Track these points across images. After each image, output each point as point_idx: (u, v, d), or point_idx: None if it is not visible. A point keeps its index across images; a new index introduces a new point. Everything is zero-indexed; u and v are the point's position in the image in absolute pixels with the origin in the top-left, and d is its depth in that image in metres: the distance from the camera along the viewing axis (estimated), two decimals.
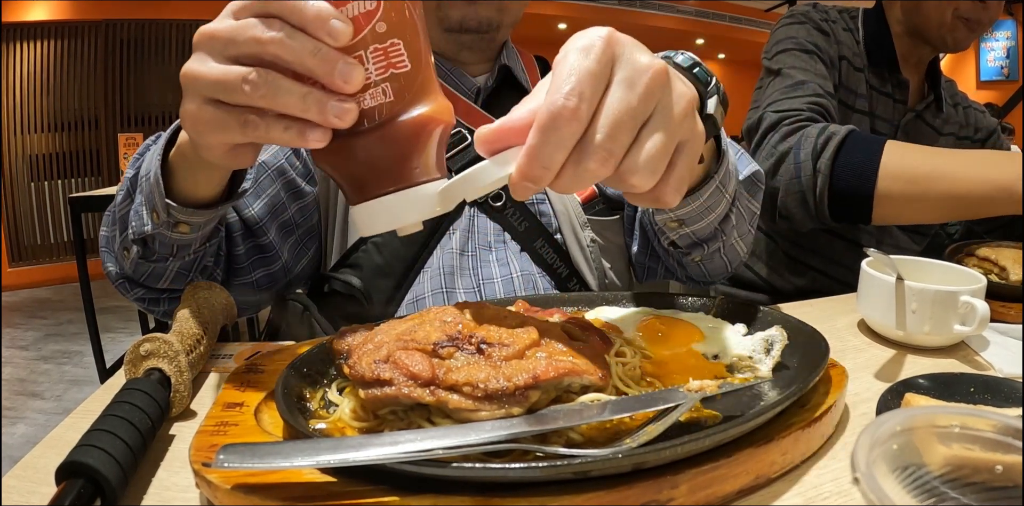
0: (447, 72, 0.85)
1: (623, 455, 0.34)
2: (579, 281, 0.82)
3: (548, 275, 0.81)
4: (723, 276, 0.82)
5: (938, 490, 0.33)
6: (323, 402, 0.46)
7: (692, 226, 0.68)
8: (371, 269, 0.78)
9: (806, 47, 1.04)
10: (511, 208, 0.82)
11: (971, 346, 0.64)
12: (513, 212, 0.81)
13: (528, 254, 0.81)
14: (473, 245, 0.81)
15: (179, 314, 0.58)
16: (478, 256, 0.81)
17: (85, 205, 2.74)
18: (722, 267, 0.79)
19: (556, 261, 0.81)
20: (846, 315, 0.74)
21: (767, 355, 0.51)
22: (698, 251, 0.74)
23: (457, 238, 0.80)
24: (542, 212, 0.83)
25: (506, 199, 0.81)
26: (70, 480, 0.35)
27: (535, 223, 0.82)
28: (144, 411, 0.42)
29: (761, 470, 0.39)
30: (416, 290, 0.78)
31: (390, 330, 0.43)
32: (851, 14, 1.14)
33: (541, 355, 0.40)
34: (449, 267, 0.78)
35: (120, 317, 3.71)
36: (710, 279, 0.83)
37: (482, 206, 0.82)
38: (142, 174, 0.60)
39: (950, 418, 0.34)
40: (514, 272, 0.80)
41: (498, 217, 0.82)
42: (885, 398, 0.49)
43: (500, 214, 0.81)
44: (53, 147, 4.65)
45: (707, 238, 0.72)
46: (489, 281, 0.79)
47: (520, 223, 0.82)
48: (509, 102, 0.80)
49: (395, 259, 0.78)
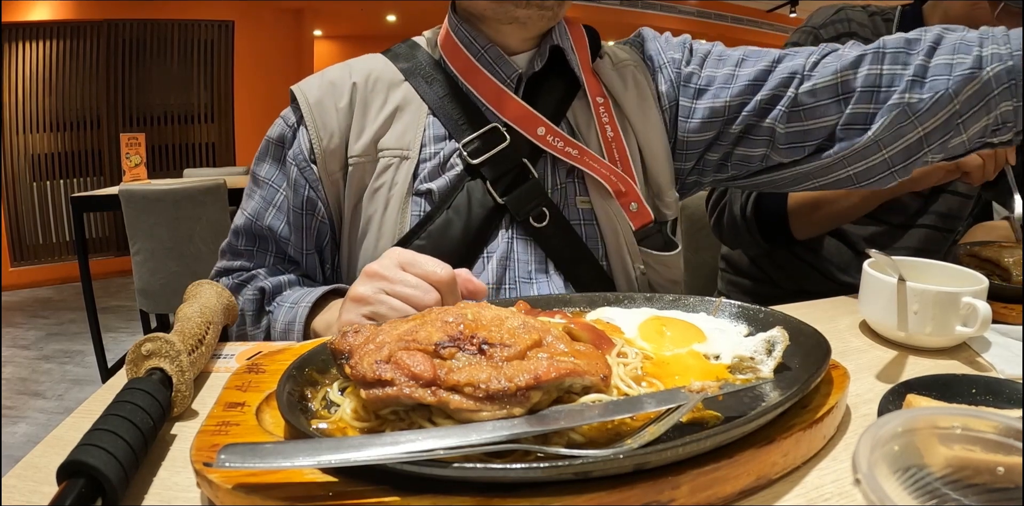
0: (483, 51, 0.74)
1: (624, 456, 0.34)
2: None
3: None
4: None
5: (939, 491, 0.33)
6: (324, 402, 0.46)
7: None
8: None
9: None
10: (553, 228, 0.72)
11: (973, 347, 0.64)
12: (557, 234, 0.72)
13: (572, 285, 0.73)
14: (512, 276, 0.72)
15: (181, 314, 0.58)
16: (517, 290, 0.71)
17: (87, 205, 2.74)
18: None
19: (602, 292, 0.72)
20: (847, 316, 0.74)
21: (768, 356, 0.51)
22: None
23: (493, 268, 0.71)
24: (588, 235, 0.74)
25: (550, 218, 0.71)
26: (71, 479, 0.35)
27: (580, 247, 0.73)
28: (145, 411, 0.42)
29: (762, 471, 0.39)
30: None
31: (392, 330, 0.43)
32: (885, 17, 1.05)
33: (542, 356, 0.40)
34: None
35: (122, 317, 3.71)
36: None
37: (522, 225, 0.72)
38: (277, 332, 0.71)
39: (951, 419, 0.34)
40: None
41: (541, 240, 0.72)
42: (886, 399, 0.49)
43: (543, 236, 0.72)
44: (55, 147, 4.66)
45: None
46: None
47: (564, 248, 0.72)
48: (554, 90, 0.76)
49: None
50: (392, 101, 0.75)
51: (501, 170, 0.71)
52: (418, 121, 0.74)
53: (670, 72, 0.80)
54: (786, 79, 0.74)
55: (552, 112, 0.75)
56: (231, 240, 0.81)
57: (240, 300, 0.76)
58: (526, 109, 0.73)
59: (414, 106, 0.75)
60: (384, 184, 0.72)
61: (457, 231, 0.70)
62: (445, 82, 0.75)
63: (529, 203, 0.71)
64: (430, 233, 0.70)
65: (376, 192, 0.73)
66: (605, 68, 0.79)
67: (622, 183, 0.74)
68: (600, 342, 0.48)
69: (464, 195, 0.71)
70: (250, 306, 0.75)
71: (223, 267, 0.81)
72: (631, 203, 0.74)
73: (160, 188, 2.41)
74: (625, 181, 0.74)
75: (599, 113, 0.76)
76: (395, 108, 0.75)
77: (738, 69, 0.77)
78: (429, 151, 0.73)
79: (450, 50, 0.76)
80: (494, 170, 0.71)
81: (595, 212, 0.74)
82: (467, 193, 0.71)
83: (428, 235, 0.70)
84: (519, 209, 0.71)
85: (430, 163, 0.73)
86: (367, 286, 0.59)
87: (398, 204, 0.71)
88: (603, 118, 0.76)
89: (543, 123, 0.72)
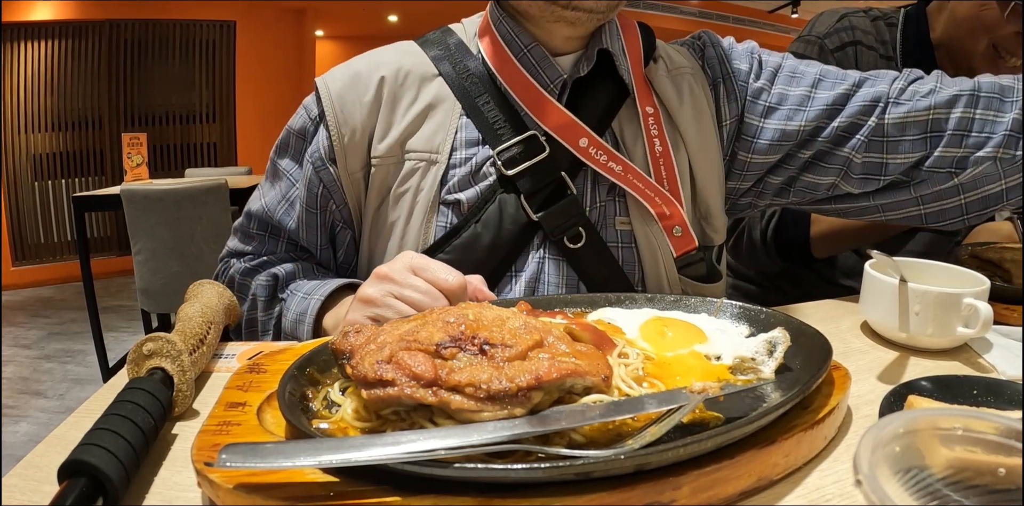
0: (526, 51, 0.69)
1: (625, 456, 0.34)
2: None
3: None
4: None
5: (940, 492, 0.33)
6: (326, 402, 0.46)
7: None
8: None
9: None
10: (588, 250, 0.67)
11: (974, 348, 0.64)
12: (591, 256, 0.67)
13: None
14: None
15: (182, 313, 0.58)
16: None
17: (88, 204, 2.75)
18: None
19: None
20: (849, 317, 0.74)
21: (770, 357, 0.51)
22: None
23: (520, 289, 0.68)
24: (625, 259, 0.69)
25: (586, 239, 0.67)
26: (72, 479, 0.35)
27: (616, 272, 0.68)
28: (147, 410, 0.42)
29: (763, 472, 0.39)
30: None
31: (393, 330, 0.43)
32: (888, 21, 1.03)
33: (544, 356, 0.40)
34: None
35: (123, 316, 3.72)
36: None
37: (555, 245, 0.68)
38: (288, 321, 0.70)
39: (953, 420, 0.34)
40: None
41: (573, 261, 0.68)
42: (888, 400, 0.49)
43: (576, 257, 0.68)
44: (57, 146, 4.66)
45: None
46: None
47: (599, 271, 0.68)
48: (600, 96, 0.70)
49: None
50: (424, 98, 0.70)
51: (537, 183, 0.67)
52: (450, 122, 0.69)
53: (734, 84, 0.74)
54: (869, 106, 0.71)
55: (597, 122, 0.69)
56: (244, 222, 0.78)
57: (252, 285, 0.74)
58: (569, 118, 0.68)
59: (447, 105, 0.69)
60: (409, 189, 0.68)
61: (484, 247, 0.66)
62: (481, 80, 0.70)
63: (565, 221, 0.67)
64: (455, 247, 0.67)
65: (401, 197, 0.68)
66: (659, 75, 0.73)
67: (667, 205, 0.69)
68: (601, 343, 0.48)
69: (495, 208, 0.67)
70: (262, 292, 0.73)
71: (235, 249, 0.79)
72: (675, 227, 0.69)
73: (161, 188, 2.41)
74: (671, 203, 0.69)
75: (648, 125, 0.70)
76: (426, 106, 0.69)
77: (815, 90, 0.73)
78: (460, 156, 0.68)
79: (490, 45, 0.70)
80: (530, 183, 0.66)
81: (634, 235, 0.69)
82: (499, 206, 0.67)
83: (453, 249, 0.67)
84: (554, 227, 0.67)
85: (460, 170, 0.68)
86: (376, 288, 0.58)
87: (423, 213, 0.67)
88: (652, 131, 0.70)
89: (586, 134, 0.68)
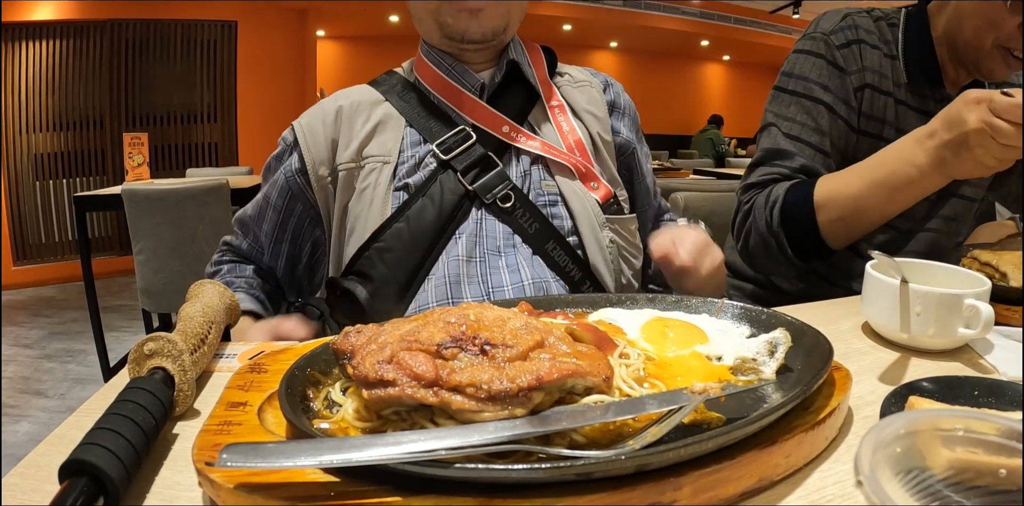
0: (450, 68, 0.85)
1: (626, 457, 0.34)
2: (593, 284, 0.80)
3: (562, 279, 0.79)
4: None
5: (941, 493, 0.33)
6: (326, 402, 0.46)
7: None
8: (377, 278, 0.77)
9: (814, 94, 0.99)
10: (520, 209, 0.79)
11: (975, 349, 0.64)
12: (523, 213, 0.79)
13: (540, 258, 0.79)
14: (481, 250, 0.78)
15: (183, 313, 0.58)
16: (487, 262, 0.78)
17: (89, 204, 2.75)
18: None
19: (569, 264, 0.79)
20: (850, 318, 0.74)
21: (771, 357, 0.51)
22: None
23: (463, 243, 0.78)
24: (554, 214, 0.81)
25: (515, 200, 0.80)
26: (73, 478, 0.35)
27: (546, 225, 0.80)
28: (148, 410, 0.42)
29: (764, 472, 0.39)
30: (420, 300, 0.76)
31: (394, 330, 0.43)
32: (890, 21, 1.03)
33: (545, 357, 0.40)
34: (455, 275, 0.76)
35: (124, 316, 3.72)
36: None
37: (490, 207, 0.80)
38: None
39: (954, 421, 0.34)
40: (525, 279, 0.76)
41: (507, 219, 0.80)
42: (889, 401, 0.49)
43: (510, 216, 0.79)
44: (58, 146, 4.67)
45: None
46: (499, 289, 0.76)
47: (531, 225, 0.79)
48: (516, 97, 0.87)
49: (398, 268, 0.76)
50: (374, 118, 0.85)
51: (469, 162, 0.80)
52: (397, 132, 0.84)
53: (620, 121, 0.95)
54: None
55: (515, 115, 0.85)
56: (235, 222, 0.94)
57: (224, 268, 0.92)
58: (489, 111, 0.83)
59: (393, 120, 0.85)
60: (369, 185, 0.81)
61: (431, 214, 0.79)
62: (418, 98, 0.86)
63: (495, 187, 0.80)
64: (407, 217, 0.79)
65: (363, 192, 0.81)
66: (563, 84, 0.92)
67: (582, 166, 0.85)
68: (602, 343, 0.48)
69: (437, 185, 0.80)
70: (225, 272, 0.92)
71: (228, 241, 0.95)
72: (592, 182, 0.85)
73: (163, 188, 2.41)
74: (583, 165, 0.85)
75: (555, 113, 0.88)
76: (377, 123, 0.84)
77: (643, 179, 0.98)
78: (407, 155, 0.82)
79: (423, 70, 0.88)
80: (463, 163, 0.80)
81: (562, 193, 0.83)
82: (440, 184, 0.80)
83: (406, 218, 0.79)
84: (487, 192, 0.80)
85: (408, 164, 0.82)
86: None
87: (382, 196, 0.80)
88: (559, 117, 0.88)
89: (507, 122, 0.83)
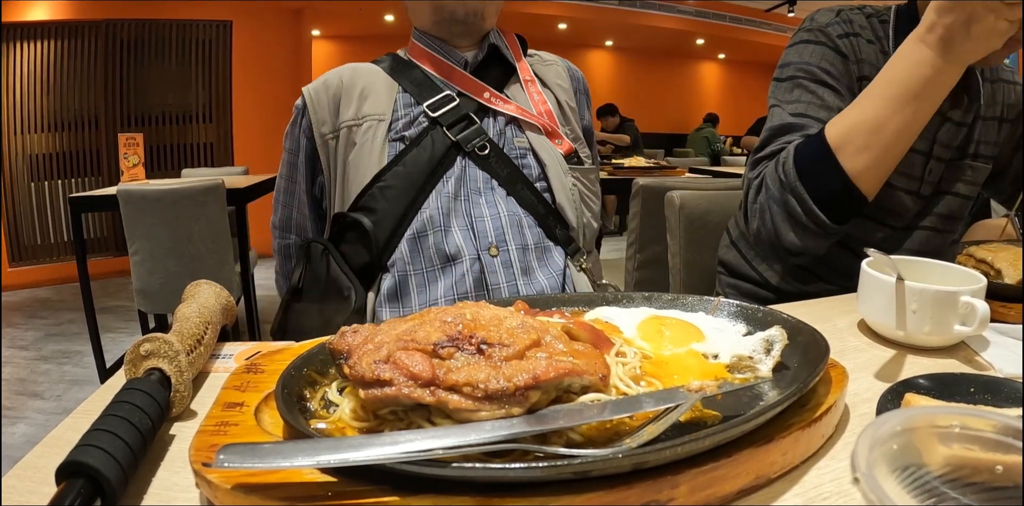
0: (439, 48, 1.04)
1: (623, 455, 0.34)
2: (558, 220, 0.98)
3: (531, 215, 0.97)
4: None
5: (938, 490, 0.33)
6: (323, 402, 0.46)
7: None
8: (379, 210, 0.93)
9: (817, 76, 0.98)
10: (494, 157, 0.97)
11: (971, 346, 0.64)
12: (496, 161, 0.97)
13: (513, 198, 0.97)
14: (465, 190, 0.95)
15: (179, 314, 0.58)
16: (470, 200, 0.95)
17: (85, 205, 2.74)
18: None
19: (535, 203, 0.97)
20: (846, 315, 0.74)
21: (767, 355, 0.51)
22: None
23: (451, 184, 0.95)
24: (524, 164, 0.99)
25: (490, 150, 0.97)
26: (70, 480, 0.35)
27: (515, 171, 0.97)
28: (144, 411, 0.42)
29: (761, 470, 0.39)
30: (416, 226, 0.92)
31: (390, 330, 0.43)
32: (881, 18, 1.03)
33: (541, 355, 0.40)
34: (445, 208, 0.93)
35: (120, 317, 3.71)
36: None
37: (471, 156, 0.97)
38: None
39: (950, 418, 0.34)
40: (502, 212, 0.95)
41: (484, 165, 0.97)
42: (885, 398, 0.49)
43: (486, 162, 0.97)
44: (53, 147, 4.64)
45: None
46: (480, 219, 0.94)
47: (503, 170, 0.97)
48: (495, 72, 1.09)
49: (397, 202, 0.93)
50: (372, 84, 1.01)
51: (454, 119, 0.97)
52: (391, 95, 1.00)
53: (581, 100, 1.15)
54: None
55: (493, 86, 1.03)
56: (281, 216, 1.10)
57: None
58: (473, 80, 1.01)
59: (388, 86, 1.01)
60: (368, 139, 0.97)
61: (424, 160, 0.96)
62: (412, 70, 1.04)
63: (474, 139, 0.97)
64: (404, 162, 0.95)
65: (363, 144, 0.97)
66: (534, 63, 1.11)
67: (548, 126, 1.03)
68: (599, 342, 0.48)
69: (428, 138, 0.97)
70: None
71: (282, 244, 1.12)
72: (556, 139, 1.04)
73: (158, 188, 2.40)
74: (550, 125, 1.04)
75: (528, 84, 1.07)
76: (373, 87, 1.01)
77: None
78: (400, 113, 0.99)
79: (415, 51, 1.06)
80: (448, 119, 0.97)
81: (533, 147, 1.00)
82: (431, 137, 0.97)
83: (403, 163, 0.95)
84: (467, 143, 0.97)
85: (402, 121, 0.98)
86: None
87: (379, 147, 0.96)
88: (531, 87, 1.07)
89: (487, 89, 1.01)
